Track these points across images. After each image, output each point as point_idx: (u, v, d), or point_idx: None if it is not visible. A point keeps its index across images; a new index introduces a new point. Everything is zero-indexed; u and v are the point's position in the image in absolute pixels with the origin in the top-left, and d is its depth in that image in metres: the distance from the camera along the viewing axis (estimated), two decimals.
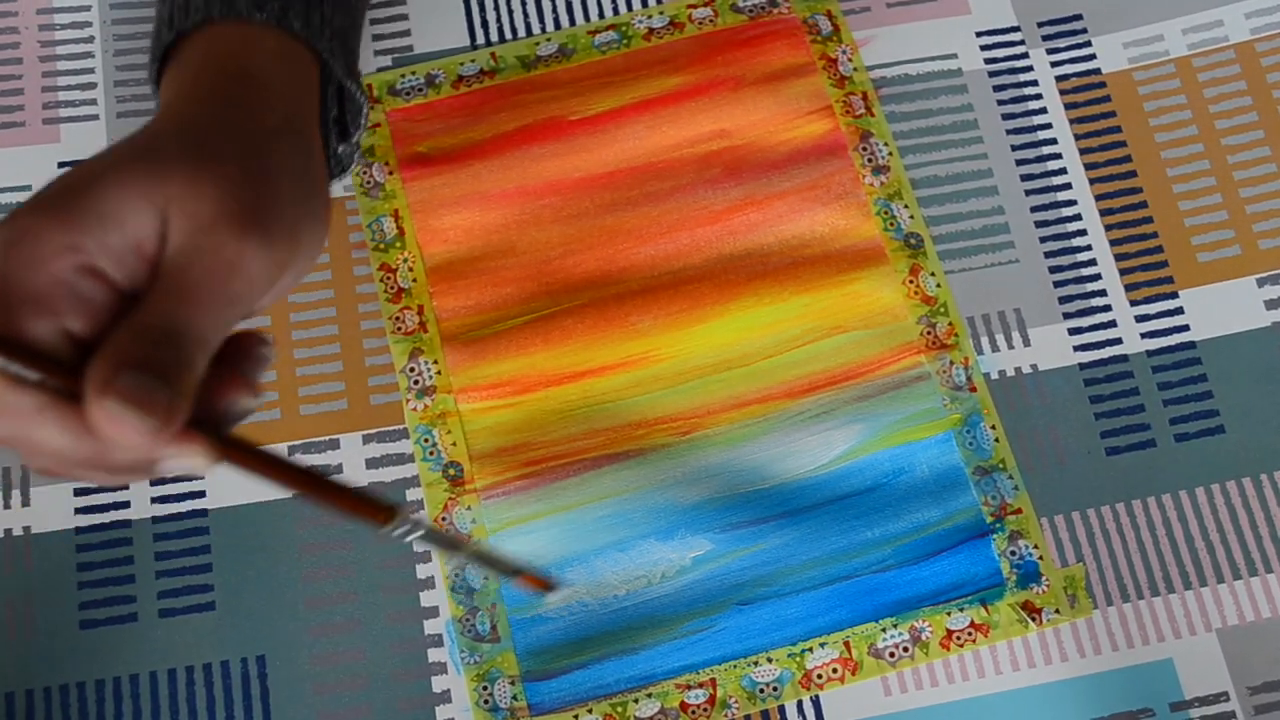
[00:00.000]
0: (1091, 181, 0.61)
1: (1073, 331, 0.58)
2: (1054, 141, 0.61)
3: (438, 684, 0.53)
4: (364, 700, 0.53)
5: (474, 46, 0.63)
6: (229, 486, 0.56)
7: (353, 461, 0.56)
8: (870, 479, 0.56)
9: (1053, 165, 0.61)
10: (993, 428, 0.57)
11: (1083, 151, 0.61)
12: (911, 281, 0.59)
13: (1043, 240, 0.60)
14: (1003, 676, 0.54)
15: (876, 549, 0.55)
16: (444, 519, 0.55)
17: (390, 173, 0.60)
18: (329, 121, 0.50)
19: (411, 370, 0.57)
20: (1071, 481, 0.56)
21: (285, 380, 0.57)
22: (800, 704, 0.53)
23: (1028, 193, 0.60)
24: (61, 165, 0.60)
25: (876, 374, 0.57)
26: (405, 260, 0.59)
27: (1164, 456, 0.57)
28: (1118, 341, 0.58)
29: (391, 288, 0.58)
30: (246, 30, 0.45)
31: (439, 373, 0.57)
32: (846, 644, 0.54)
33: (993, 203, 0.60)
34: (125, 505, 0.55)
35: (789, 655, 0.54)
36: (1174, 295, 0.59)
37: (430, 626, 0.54)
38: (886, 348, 0.58)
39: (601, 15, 0.63)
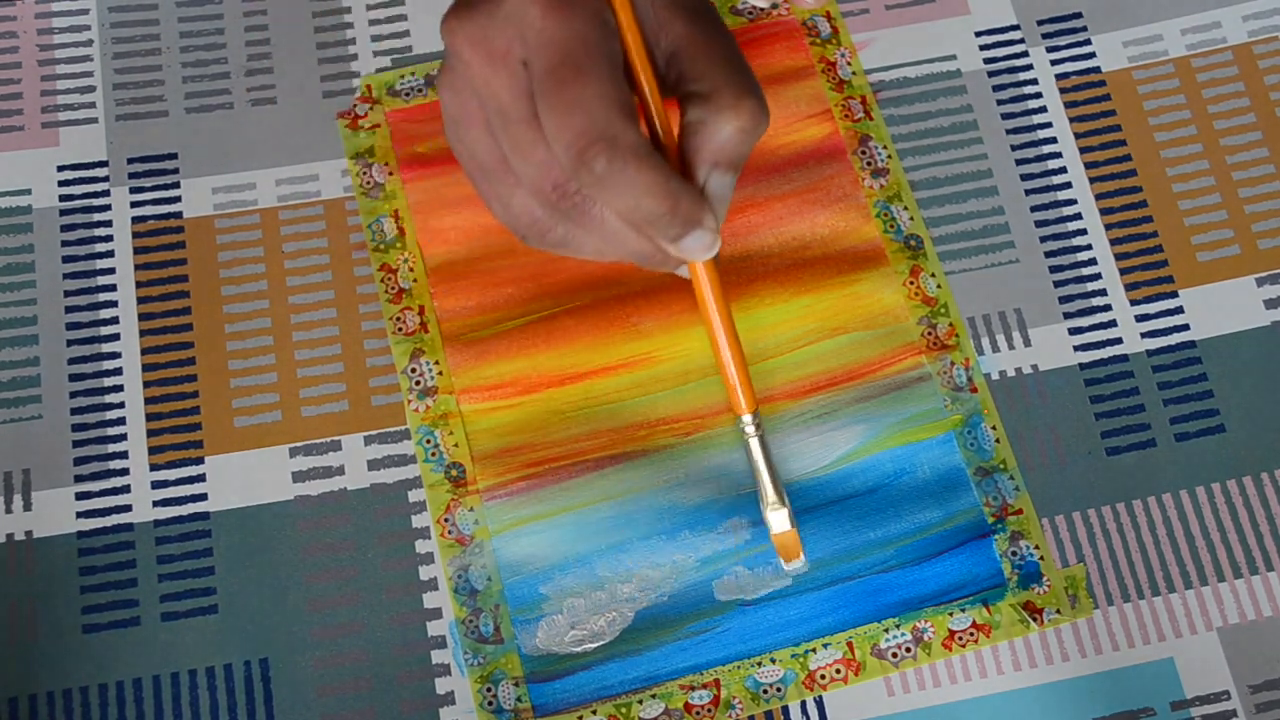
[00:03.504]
0: (1091, 181, 0.61)
1: (1073, 331, 0.58)
2: (1054, 141, 0.61)
3: (441, 686, 0.53)
4: (367, 703, 0.53)
5: None
6: (230, 489, 0.56)
7: (354, 463, 0.56)
8: (872, 480, 0.56)
9: (1052, 165, 0.61)
10: (993, 428, 0.57)
11: (1083, 151, 0.61)
12: (912, 282, 0.59)
13: (1043, 240, 0.60)
14: (1004, 676, 0.54)
15: (879, 550, 0.55)
16: (446, 520, 0.55)
17: (390, 173, 0.60)
18: None
19: (413, 371, 0.57)
20: (1072, 482, 0.56)
21: (286, 382, 0.57)
22: (804, 704, 0.53)
23: (1027, 192, 0.61)
24: (60, 169, 0.60)
25: (878, 375, 0.58)
26: (406, 261, 0.59)
27: (1164, 456, 0.57)
28: (1118, 341, 0.58)
29: (392, 288, 0.58)
30: None
31: (440, 373, 0.57)
32: (850, 644, 0.54)
33: (992, 203, 0.60)
34: (127, 509, 0.55)
35: (792, 656, 0.54)
36: (1174, 295, 0.59)
37: (433, 628, 0.54)
38: (887, 348, 0.58)
39: None
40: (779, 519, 0.53)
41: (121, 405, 0.57)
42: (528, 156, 0.45)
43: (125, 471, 0.56)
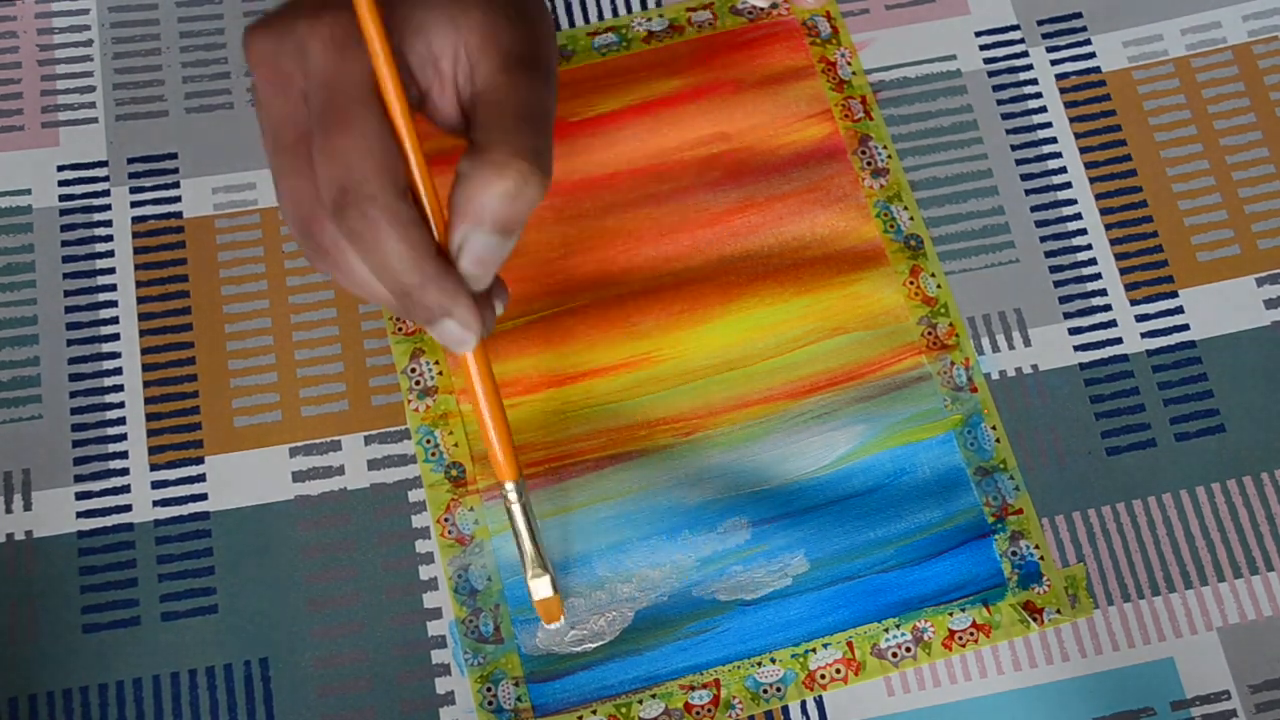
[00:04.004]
0: (1091, 181, 0.61)
1: (1073, 331, 0.58)
2: (1054, 141, 0.61)
3: (441, 685, 0.53)
4: (367, 703, 0.53)
5: None
6: (230, 489, 0.56)
7: (354, 463, 0.56)
8: (872, 480, 0.56)
9: (1052, 165, 0.61)
10: (994, 428, 0.57)
11: (1083, 151, 0.61)
12: (912, 282, 0.59)
13: (1043, 240, 0.60)
14: (1004, 676, 0.54)
15: (879, 549, 0.55)
16: (446, 520, 0.55)
17: None
18: None
19: (413, 371, 0.57)
20: (1072, 481, 0.56)
21: (286, 381, 0.57)
22: (804, 704, 0.53)
23: (1027, 192, 0.61)
24: (60, 169, 0.60)
25: (878, 375, 0.58)
26: None
27: (1164, 456, 0.57)
28: (1118, 341, 0.58)
29: None
30: None
31: (440, 373, 0.57)
32: (849, 644, 0.54)
33: (992, 203, 0.60)
34: (127, 509, 0.55)
35: (792, 656, 0.54)
36: (1174, 295, 0.59)
37: (433, 628, 0.54)
38: (887, 348, 0.58)
39: (601, 17, 0.63)
40: (540, 586, 0.52)
41: (121, 405, 0.57)
42: (283, 185, 0.44)
43: (125, 471, 0.56)
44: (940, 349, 0.58)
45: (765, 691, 0.53)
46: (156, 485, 0.56)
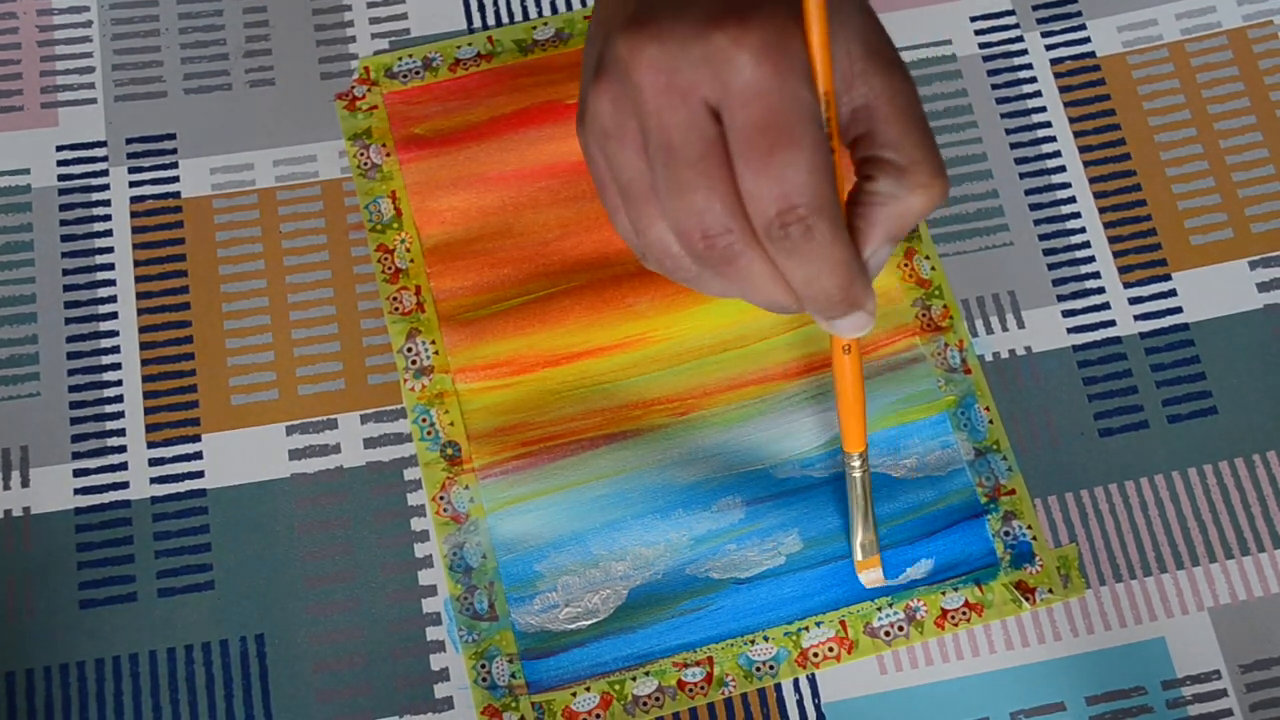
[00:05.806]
0: (1086, 165, 0.61)
1: (1066, 314, 0.59)
2: (1048, 125, 0.62)
3: (436, 662, 0.54)
4: (363, 679, 0.53)
5: (470, 30, 0.63)
6: (227, 467, 0.56)
7: (350, 441, 0.56)
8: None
9: (1047, 149, 0.61)
10: (987, 409, 0.57)
11: (1077, 135, 0.61)
12: (906, 265, 0.59)
13: (1037, 223, 0.60)
14: (997, 655, 0.54)
15: None
16: (441, 498, 0.56)
17: (387, 154, 0.60)
18: None
19: (409, 350, 0.58)
20: (1065, 462, 0.57)
21: (283, 360, 0.57)
22: (796, 682, 0.54)
23: (1022, 176, 0.61)
24: (59, 149, 0.60)
25: (871, 356, 0.58)
26: (403, 241, 0.59)
27: (1157, 437, 0.57)
28: (1111, 324, 0.59)
29: (389, 268, 0.59)
30: None
31: (436, 353, 0.57)
32: (842, 623, 0.54)
33: (987, 186, 0.61)
34: (124, 486, 0.56)
35: (785, 634, 0.54)
36: (1167, 278, 0.59)
37: (428, 605, 0.54)
38: (882, 330, 0.58)
39: None
40: (871, 576, 0.54)
41: (119, 383, 0.57)
42: (684, 200, 0.42)
43: (123, 449, 0.56)
44: (934, 331, 0.58)
45: (758, 669, 0.54)
46: (154, 463, 0.56)
